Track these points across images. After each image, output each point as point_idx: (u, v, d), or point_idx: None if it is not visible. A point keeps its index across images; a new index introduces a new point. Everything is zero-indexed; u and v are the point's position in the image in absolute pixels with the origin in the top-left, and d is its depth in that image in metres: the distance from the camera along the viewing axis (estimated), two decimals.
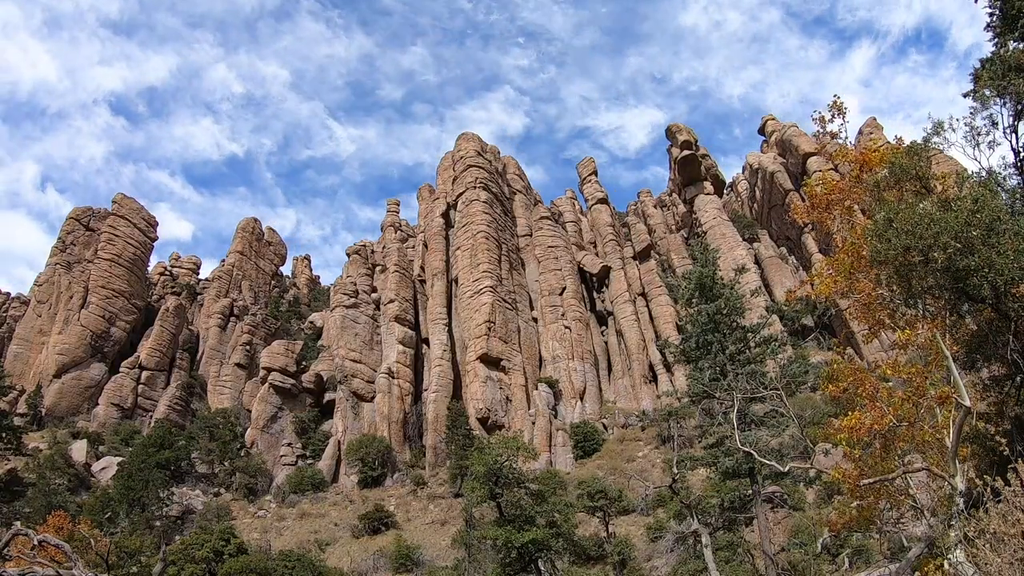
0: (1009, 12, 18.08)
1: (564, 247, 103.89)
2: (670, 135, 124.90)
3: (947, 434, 14.21)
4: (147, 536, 49.57)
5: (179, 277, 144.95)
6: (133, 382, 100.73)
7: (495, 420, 77.02)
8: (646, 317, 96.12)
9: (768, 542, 29.79)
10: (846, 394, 17.27)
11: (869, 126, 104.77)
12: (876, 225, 14.95)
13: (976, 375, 18.46)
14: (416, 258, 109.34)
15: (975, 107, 16.32)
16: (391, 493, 69.91)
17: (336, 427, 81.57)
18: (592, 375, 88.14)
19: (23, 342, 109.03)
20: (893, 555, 26.43)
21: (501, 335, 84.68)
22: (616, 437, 77.55)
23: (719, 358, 31.74)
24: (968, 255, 13.57)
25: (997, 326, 14.88)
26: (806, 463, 22.39)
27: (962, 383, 13.96)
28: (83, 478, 73.90)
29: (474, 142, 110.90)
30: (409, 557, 49.20)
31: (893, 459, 16.69)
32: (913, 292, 14.77)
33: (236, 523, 59.47)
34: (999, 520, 9.58)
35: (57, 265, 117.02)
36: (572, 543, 39.74)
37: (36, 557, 17.68)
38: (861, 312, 17.22)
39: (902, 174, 15.76)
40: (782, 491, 42.11)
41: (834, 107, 17.71)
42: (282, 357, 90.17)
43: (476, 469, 35.00)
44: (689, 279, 34.08)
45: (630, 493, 54.52)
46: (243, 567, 37.07)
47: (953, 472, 13.80)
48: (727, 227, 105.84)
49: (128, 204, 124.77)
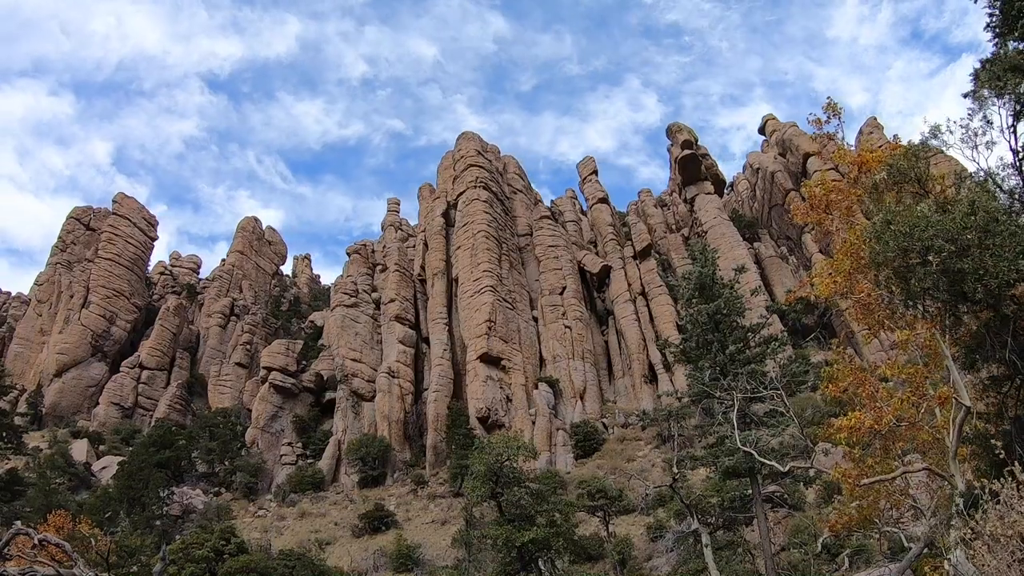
0: (1009, 12, 18.08)
1: (564, 246, 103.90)
2: (670, 134, 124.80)
3: (947, 434, 14.23)
4: (147, 535, 49.58)
5: (179, 277, 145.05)
6: (133, 381, 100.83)
7: (495, 419, 77.03)
8: (646, 317, 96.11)
9: (768, 542, 29.83)
10: (846, 394, 17.31)
11: (869, 126, 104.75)
12: (874, 227, 14.97)
13: (975, 375, 18.47)
14: (416, 257, 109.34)
15: (973, 108, 16.35)
16: (391, 492, 69.96)
17: (336, 426, 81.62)
18: (592, 375, 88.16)
19: (24, 341, 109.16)
20: (893, 555, 26.45)
21: (501, 334, 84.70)
22: (616, 437, 77.56)
23: (719, 358, 31.75)
24: (962, 258, 13.57)
25: (995, 327, 14.89)
26: (806, 463, 22.40)
27: (962, 383, 13.98)
28: (83, 477, 74.02)
29: (474, 142, 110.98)
30: (409, 556, 49.22)
31: (893, 459, 16.73)
32: (912, 293, 14.78)
33: (236, 522, 59.47)
34: (996, 521, 9.60)
35: (58, 265, 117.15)
36: (572, 542, 39.74)
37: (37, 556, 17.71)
38: (861, 312, 17.25)
39: (900, 176, 15.78)
40: (782, 491, 42.11)
41: (829, 108, 17.74)
42: (282, 356, 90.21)
43: (476, 468, 35.01)
44: (689, 279, 34.09)
45: (630, 493, 54.50)
46: (243, 566, 37.07)
47: (953, 472, 13.83)
48: (727, 227, 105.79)
49: (128, 204, 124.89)
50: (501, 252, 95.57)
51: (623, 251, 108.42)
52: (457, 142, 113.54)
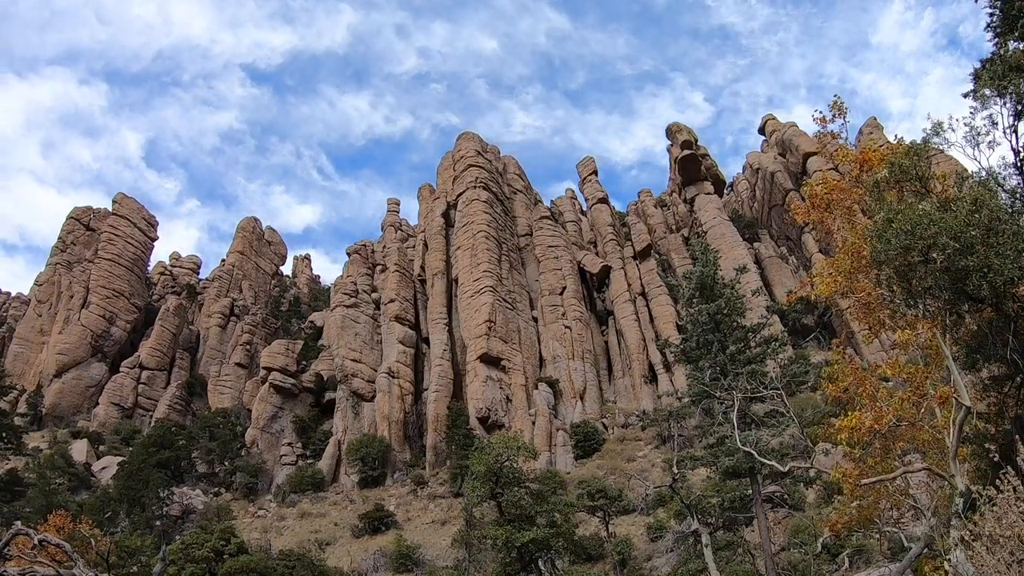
0: (1009, 12, 18.07)
1: (564, 247, 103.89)
2: (670, 135, 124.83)
3: (947, 434, 14.21)
4: (147, 536, 49.59)
5: (179, 277, 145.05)
6: (133, 382, 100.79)
7: (495, 420, 77.01)
8: (646, 317, 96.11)
9: (768, 542, 29.80)
10: (846, 394, 17.27)
11: (869, 126, 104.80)
12: (876, 225, 14.95)
13: (976, 375, 18.45)
14: (416, 258, 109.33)
15: (975, 107, 16.32)
16: (391, 493, 69.93)
17: (336, 427, 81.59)
18: (592, 375, 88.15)
19: (23, 342, 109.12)
20: (893, 555, 26.46)
21: (501, 335, 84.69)
22: (616, 437, 77.53)
23: (719, 358, 31.75)
24: (967, 256, 13.57)
25: (997, 326, 14.87)
26: (806, 463, 22.39)
27: (962, 383, 13.96)
28: (83, 478, 73.97)
29: (474, 142, 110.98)
30: (409, 557, 49.20)
31: (893, 459, 16.71)
32: (913, 292, 14.76)
33: (236, 523, 59.43)
34: (994, 522, 9.59)
35: (57, 265, 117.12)
36: (572, 543, 39.69)
37: (37, 557, 17.71)
38: (861, 312, 17.22)
39: (902, 174, 15.77)
40: (782, 491, 42.07)
41: (835, 107, 17.72)
42: (282, 357, 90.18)
43: (476, 469, 34.98)
44: (690, 279, 34.08)
45: (630, 493, 54.46)
46: (243, 567, 37.05)
47: (953, 472, 13.80)
48: (727, 227, 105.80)
49: (128, 204, 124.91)
50: (501, 252, 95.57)
51: (623, 251, 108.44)
52: (457, 142, 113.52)
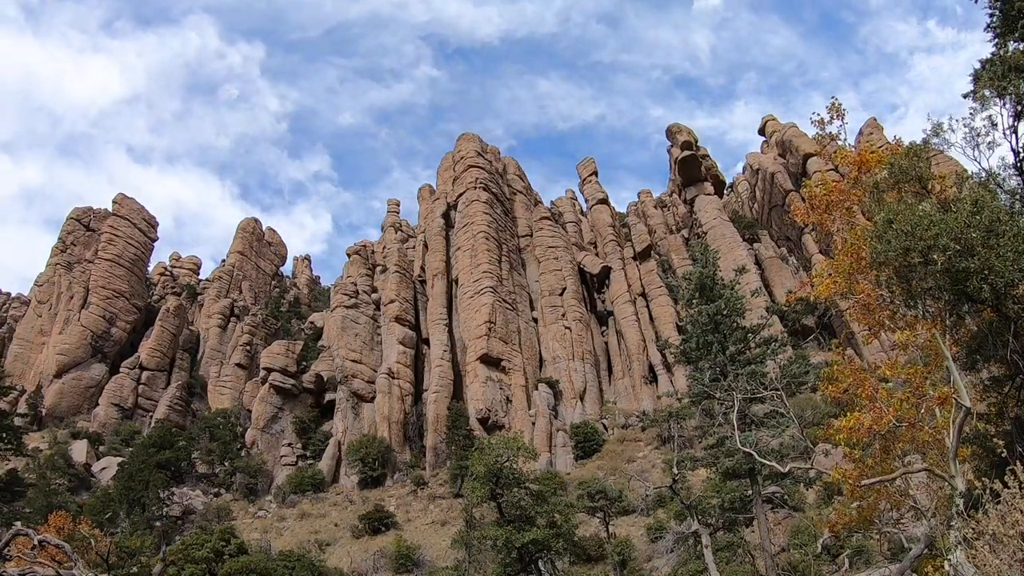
0: (1009, 12, 18.09)
1: (564, 247, 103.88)
2: (670, 135, 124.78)
3: (947, 435, 14.20)
4: (147, 536, 49.57)
5: (179, 277, 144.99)
6: (133, 382, 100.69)
7: (495, 420, 77.01)
8: (646, 317, 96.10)
9: (768, 542, 29.79)
10: (846, 395, 17.26)
11: (869, 127, 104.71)
12: (876, 226, 14.95)
13: (976, 376, 18.46)
14: (416, 258, 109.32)
15: (975, 108, 16.34)
16: (391, 493, 69.91)
17: (336, 427, 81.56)
18: (592, 375, 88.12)
19: (23, 342, 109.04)
20: (893, 555, 26.45)
21: (501, 335, 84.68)
22: (616, 437, 77.53)
23: (719, 358, 31.74)
24: (967, 257, 13.57)
25: (997, 327, 14.88)
26: (806, 464, 22.41)
27: (962, 384, 13.96)
28: (83, 478, 73.95)
29: (474, 142, 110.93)
30: (409, 557, 49.23)
31: (893, 460, 16.69)
32: (913, 293, 14.77)
33: (236, 523, 59.47)
34: (997, 521, 9.59)
35: (57, 265, 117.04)
36: (572, 543, 39.75)
37: (36, 557, 17.70)
38: (861, 313, 17.21)
39: (901, 175, 15.77)
40: (782, 491, 42.04)
41: (833, 109, 17.72)
42: (282, 357, 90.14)
43: (476, 469, 34.99)
44: (690, 280, 34.08)
45: (630, 493, 54.50)
46: (243, 567, 37.09)
47: (953, 473, 13.80)
48: (727, 227, 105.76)
49: (128, 204, 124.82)
50: (501, 253, 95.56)
51: (623, 252, 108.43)
52: (457, 143, 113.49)
